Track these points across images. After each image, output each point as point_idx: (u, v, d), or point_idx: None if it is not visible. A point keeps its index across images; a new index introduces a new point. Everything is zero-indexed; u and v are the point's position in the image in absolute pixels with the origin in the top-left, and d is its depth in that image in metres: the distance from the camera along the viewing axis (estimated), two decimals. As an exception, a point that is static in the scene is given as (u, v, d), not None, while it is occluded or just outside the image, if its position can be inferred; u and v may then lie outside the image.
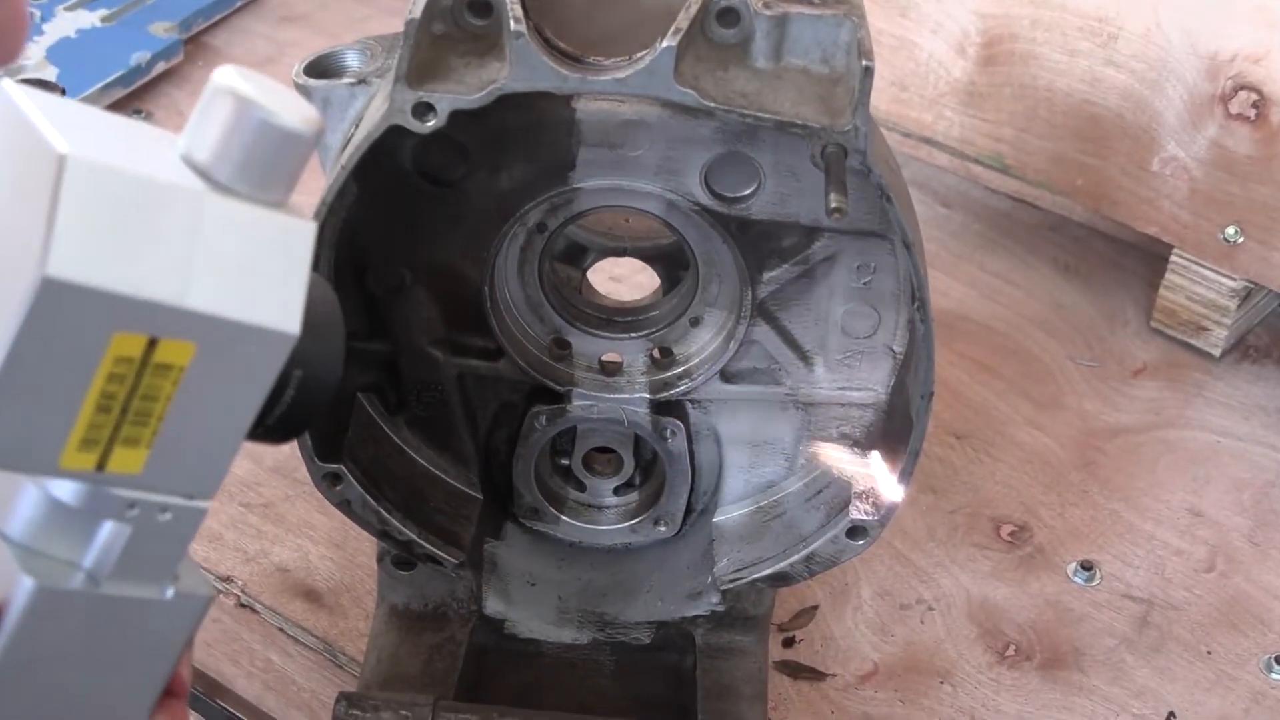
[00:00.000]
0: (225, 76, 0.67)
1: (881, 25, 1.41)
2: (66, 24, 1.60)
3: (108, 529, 0.70)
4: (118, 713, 0.75)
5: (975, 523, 1.23)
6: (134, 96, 1.58)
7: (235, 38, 1.69)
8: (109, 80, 1.53)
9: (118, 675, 0.74)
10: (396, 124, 0.88)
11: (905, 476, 0.99)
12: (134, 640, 0.73)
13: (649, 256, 1.11)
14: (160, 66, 1.60)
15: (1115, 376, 1.37)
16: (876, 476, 1.01)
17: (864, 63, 0.86)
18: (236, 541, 1.17)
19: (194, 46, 1.65)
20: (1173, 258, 1.36)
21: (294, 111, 0.67)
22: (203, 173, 0.66)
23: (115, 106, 1.56)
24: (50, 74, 1.51)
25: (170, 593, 0.72)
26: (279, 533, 1.18)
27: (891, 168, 0.93)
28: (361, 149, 0.89)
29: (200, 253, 0.64)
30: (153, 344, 0.65)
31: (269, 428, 0.72)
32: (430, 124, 0.88)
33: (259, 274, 0.66)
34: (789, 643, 1.13)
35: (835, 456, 1.05)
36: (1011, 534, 1.23)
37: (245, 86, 0.66)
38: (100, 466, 0.67)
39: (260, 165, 0.66)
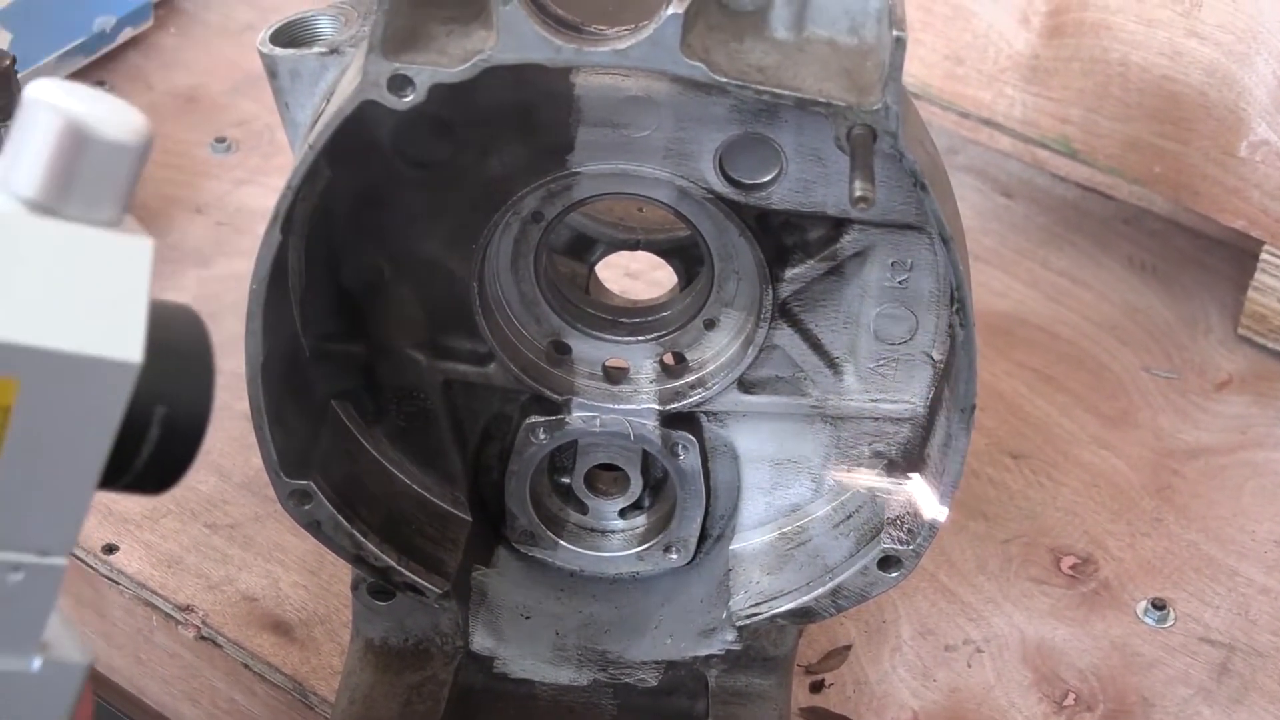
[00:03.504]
0: (39, 90, 0.67)
1: (935, -9, 1.41)
2: (23, -16, 1.62)
3: None
4: None
5: (1032, 554, 1.23)
6: (96, 66, 1.60)
7: (212, 1, 1.71)
8: (68, 48, 1.55)
9: None
10: (370, 99, 0.88)
11: (945, 500, 0.99)
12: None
13: (664, 250, 1.11)
14: (127, 33, 1.61)
15: (1196, 390, 1.37)
16: (913, 500, 1.01)
17: (895, 33, 0.86)
18: (198, 566, 1.18)
19: (165, 11, 1.67)
20: (1263, 255, 1.36)
21: (116, 121, 0.67)
22: (22, 196, 0.67)
23: (76, 76, 1.57)
24: (2, 40, 1.52)
25: (37, 663, 0.72)
26: (246, 557, 1.19)
27: (928, 151, 0.93)
28: (332, 126, 0.90)
29: (12, 279, 0.65)
30: None
31: (140, 474, 0.72)
32: (408, 99, 0.88)
33: (88, 299, 0.67)
34: (817, 687, 1.13)
35: (867, 477, 1.05)
36: (1074, 567, 1.22)
37: (60, 99, 0.67)
38: None
39: (85, 182, 0.67)
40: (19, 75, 1.38)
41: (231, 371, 1.26)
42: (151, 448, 0.71)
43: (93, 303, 0.67)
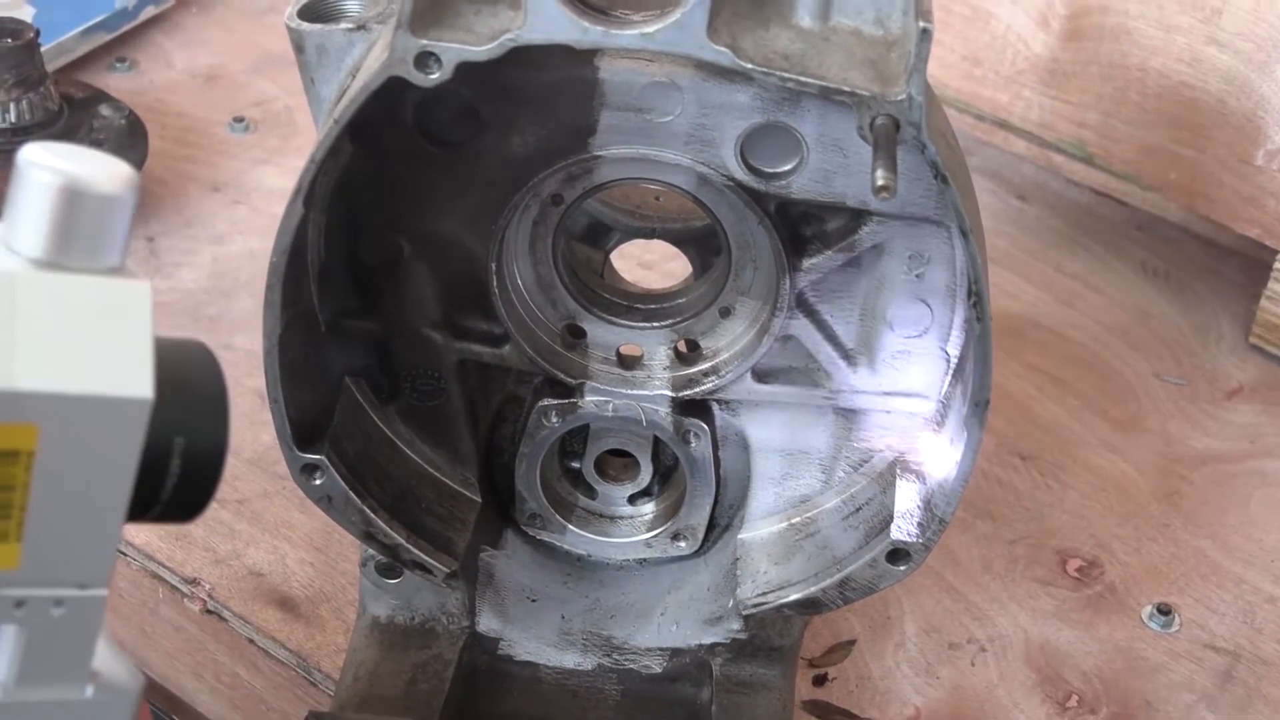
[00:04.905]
0: (29, 153, 0.71)
1: (955, -8, 1.42)
2: (46, -41, 1.62)
3: (4, 634, 0.74)
4: None
5: (1038, 555, 1.23)
6: (118, 43, 1.60)
7: (233, -18, 1.71)
8: (91, 24, 1.56)
9: None
10: (397, 75, 0.89)
11: (955, 497, 0.99)
12: None
13: (680, 240, 1.11)
14: (149, 11, 1.62)
15: (1206, 397, 1.37)
16: (922, 495, 1.01)
17: (922, 24, 0.86)
18: (206, 540, 1.18)
19: (187, -10, 1.68)
20: (1276, 264, 1.36)
21: (104, 175, 0.71)
22: (24, 253, 0.71)
23: (98, 53, 1.58)
24: (26, 14, 1.52)
25: (90, 690, 0.76)
26: (254, 533, 1.19)
27: (950, 144, 0.93)
28: (357, 101, 0.90)
29: (23, 332, 0.69)
30: None
31: (167, 504, 0.76)
32: (434, 76, 0.89)
33: (95, 344, 0.71)
34: (820, 680, 1.13)
35: (877, 470, 1.05)
36: (1079, 570, 1.22)
37: (52, 161, 0.71)
38: None
39: (83, 236, 0.71)
40: (42, 49, 1.39)
41: (244, 349, 1.28)
42: (175, 479, 0.75)
43: (102, 347, 0.71)
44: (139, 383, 0.71)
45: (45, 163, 0.71)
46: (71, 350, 0.70)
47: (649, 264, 1.34)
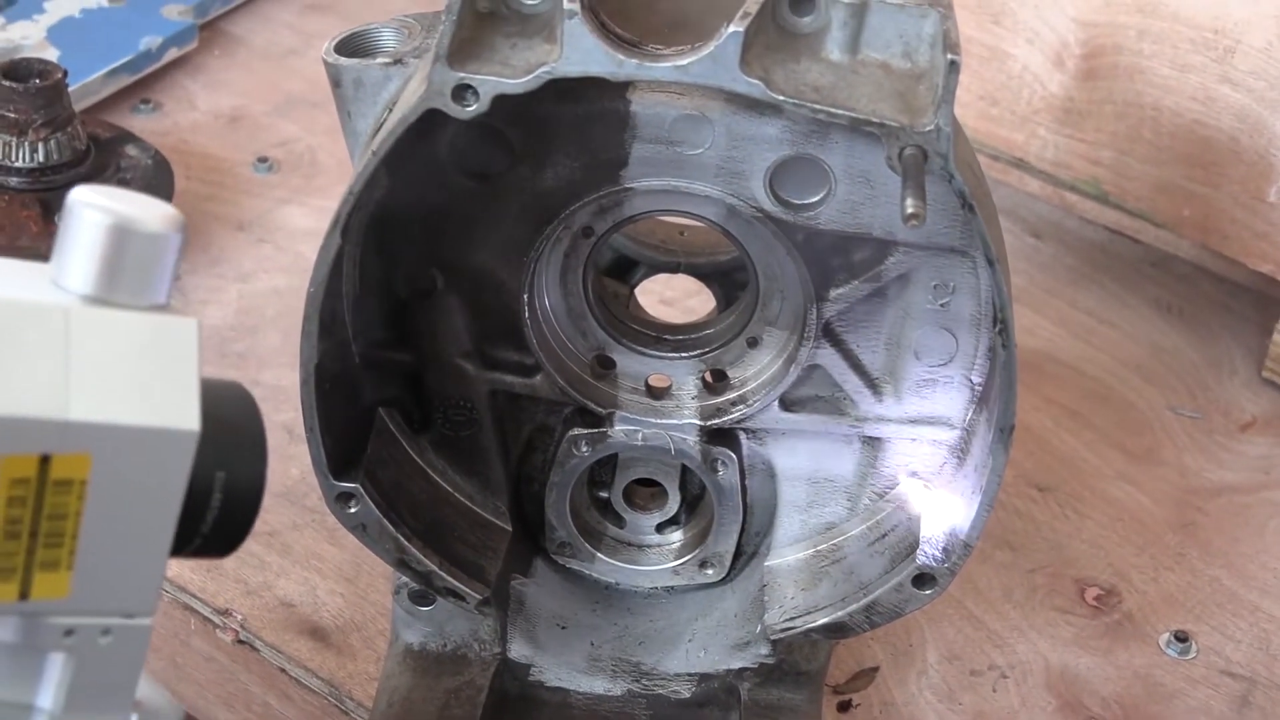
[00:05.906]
0: (79, 194, 0.74)
1: (971, 32, 1.43)
2: (70, 1, 1.64)
3: (53, 662, 0.76)
4: None
5: (1057, 584, 1.25)
6: (142, 85, 1.62)
7: (256, 25, 1.73)
8: (115, 65, 1.58)
9: None
10: (434, 107, 0.91)
11: (979, 522, 1.01)
12: None
13: (704, 274, 1.13)
14: (172, 53, 1.64)
15: (1220, 430, 1.39)
16: (947, 521, 1.03)
17: (949, 57, 0.88)
18: (237, 571, 1.20)
19: (210, 33, 1.70)
20: (1289, 300, 1.38)
21: (151, 214, 0.74)
22: (73, 290, 0.74)
23: (122, 94, 1.60)
24: (51, 55, 1.55)
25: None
26: (284, 564, 1.21)
27: (976, 174, 0.95)
28: (396, 134, 0.92)
29: (76, 365, 0.71)
30: (46, 461, 0.71)
31: (207, 538, 0.78)
32: (471, 109, 0.91)
33: (144, 377, 0.73)
34: (844, 706, 1.15)
35: (902, 497, 1.07)
36: (1098, 598, 1.24)
37: (99, 200, 0.74)
38: (24, 595, 0.73)
39: (131, 273, 0.74)
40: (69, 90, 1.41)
41: (271, 384, 1.30)
42: (215, 512, 0.77)
43: (150, 380, 0.73)
44: (186, 416, 0.73)
45: (96, 203, 0.73)
46: (122, 383, 0.72)
47: (670, 300, 1.36)
